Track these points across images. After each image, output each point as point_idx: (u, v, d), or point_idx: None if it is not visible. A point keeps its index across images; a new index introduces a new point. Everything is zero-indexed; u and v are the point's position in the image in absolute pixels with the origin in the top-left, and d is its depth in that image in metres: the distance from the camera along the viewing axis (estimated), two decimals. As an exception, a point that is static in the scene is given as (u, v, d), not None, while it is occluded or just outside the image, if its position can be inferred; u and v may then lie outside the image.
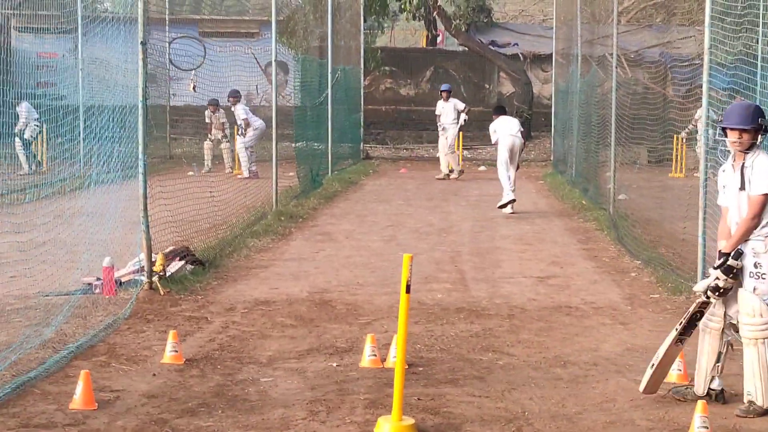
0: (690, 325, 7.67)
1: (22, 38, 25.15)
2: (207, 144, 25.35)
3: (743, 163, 7.48)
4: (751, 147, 7.49)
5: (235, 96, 24.28)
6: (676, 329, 7.69)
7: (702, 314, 7.64)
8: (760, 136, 7.52)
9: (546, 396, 7.72)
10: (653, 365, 7.66)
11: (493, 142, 19.63)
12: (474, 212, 19.01)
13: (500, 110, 20.12)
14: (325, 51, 25.40)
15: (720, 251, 7.61)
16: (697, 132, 23.48)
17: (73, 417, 7.02)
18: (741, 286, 7.45)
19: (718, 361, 7.59)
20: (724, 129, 7.60)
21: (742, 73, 12.44)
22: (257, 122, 24.40)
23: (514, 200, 18.49)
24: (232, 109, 24.37)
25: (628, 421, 7.18)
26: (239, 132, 24.30)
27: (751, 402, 7.33)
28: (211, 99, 24.56)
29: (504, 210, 18.42)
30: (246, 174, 23.53)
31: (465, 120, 25.92)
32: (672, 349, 7.70)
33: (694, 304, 7.70)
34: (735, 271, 7.40)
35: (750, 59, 13.58)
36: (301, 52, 26.75)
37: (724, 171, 7.74)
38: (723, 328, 7.59)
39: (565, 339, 9.51)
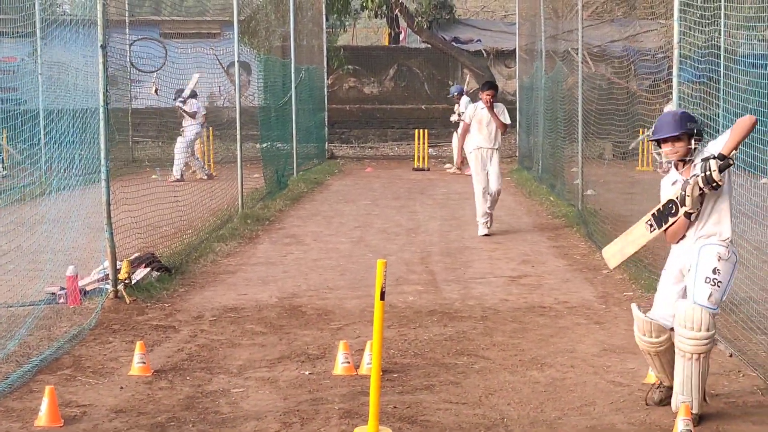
0: (661, 217, 7.24)
1: (-21, 43, 24.77)
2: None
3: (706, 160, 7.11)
4: (687, 154, 7.16)
5: (193, 96, 23.96)
6: (648, 219, 7.35)
7: (673, 208, 7.17)
8: (693, 141, 7.13)
9: (524, 401, 7.57)
10: (636, 248, 7.47)
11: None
12: (442, 211, 18.86)
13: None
14: (288, 51, 25.21)
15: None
16: None
17: (38, 435, 6.81)
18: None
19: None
20: (658, 144, 7.33)
21: (709, 66, 12.37)
22: (199, 126, 24.05)
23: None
24: (186, 102, 23.96)
25: (609, 425, 7.03)
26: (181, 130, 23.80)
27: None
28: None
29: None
30: (178, 176, 23.05)
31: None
32: (640, 228, 7.40)
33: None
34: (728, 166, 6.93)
35: (715, 51, 13.51)
36: (263, 53, 26.52)
37: (674, 183, 7.27)
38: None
39: (541, 340, 9.36)
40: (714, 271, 7.01)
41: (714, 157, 6.95)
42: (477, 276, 12.56)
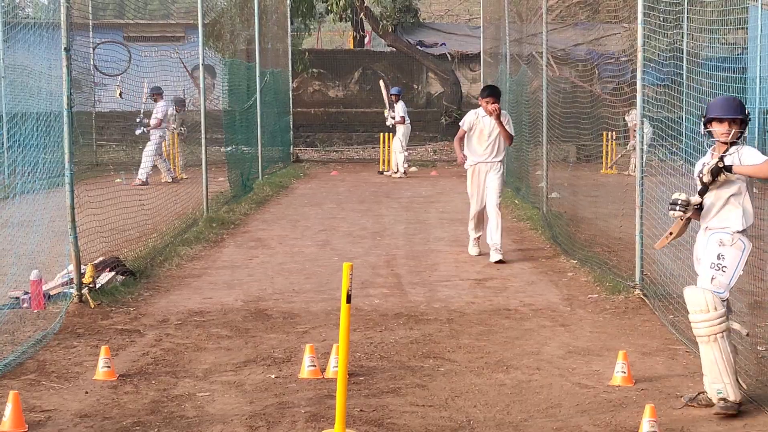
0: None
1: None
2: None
3: (722, 156, 7.41)
4: (737, 137, 7.45)
5: (159, 92, 23.88)
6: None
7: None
8: (746, 129, 7.54)
9: (490, 403, 7.58)
10: (672, 233, 7.70)
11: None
12: (407, 214, 18.88)
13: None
14: (253, 54, 25.16)
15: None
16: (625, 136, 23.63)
17: (2, 440, 6.75)
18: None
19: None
20: (710, 121, 7.52)
21: (673, 69, 12.45)
22: (164, 129, 24.02)
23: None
24: (153, 105, 23.91)
25: (575, 426, 7.06)
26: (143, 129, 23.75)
27: (724, 399, 7.22)
28: (177, 98, 24.19)
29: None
30: (143, 179, 22.96)
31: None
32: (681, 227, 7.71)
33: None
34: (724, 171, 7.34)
35: (679, 54, 13.61)
36: (228, 56, 26.46)
37: (705, 164, 7.56)
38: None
39: (506, 343, 9.38)
40: (718, 257, 7.38)
41: (723, 164, 7.36)
42: (442, 279, 12.57)
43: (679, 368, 8.43)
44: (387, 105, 27.30)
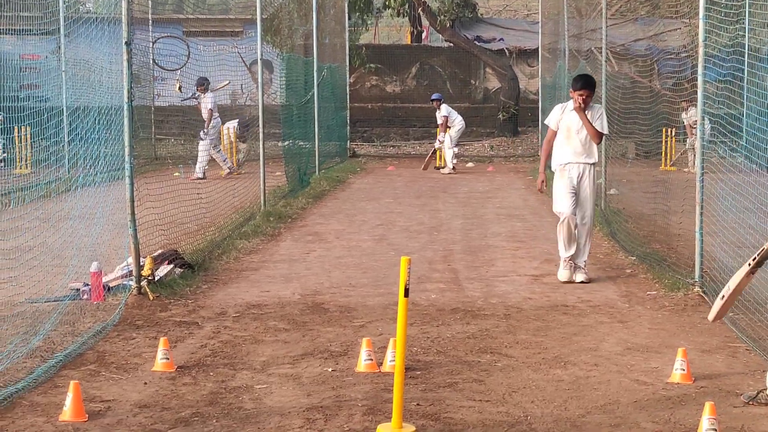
0: (763, 260, 7.43)
1: (4, 40, 24.90)
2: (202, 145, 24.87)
3: None
4: None
5: (203, 84, 23.90)
6: (749, 264, 7.45)
7: None
8: None
9: (548, 398, 7.55)
10: (723, 296, 7.54)
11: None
12: (464, 209, 18.85)
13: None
14: (310, 49, 25.22)
15: None
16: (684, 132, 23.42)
17: (63, 430, 6.81)
18: None
19: None
20: None
21: (734, 64, 12.32)
22: (217, 119, 24.06)
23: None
24: (200, 98, 23.93)
25: (633, 423, 7.00)
26: (203, 132, 23.71)
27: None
28: (200, 78, 24.06)
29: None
30: (200, 175, 23.06)
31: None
32: (744, 280, 7.51)
33: None
34: None
35: (740, 49, 13.47)
36: (286, 51, 26.56)
37: None
38: None
39: (564, 339, 9.34)
40: None
41: None
42: (500, 274, 12.54)
43: (740, 366, 8.35)
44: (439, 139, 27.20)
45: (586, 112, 11.92)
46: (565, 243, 11.96)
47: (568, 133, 12.02)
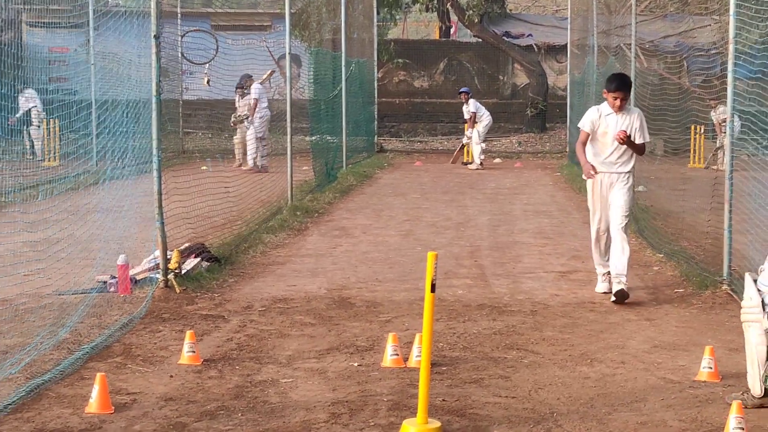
0: None
1: (33, 33, 25.02)
2: (237, 138, 24.94)
3: None
4: None
5: (249, 78, 24.02)
6: None
7: None
8: None
9: (574, 396, 7.51)
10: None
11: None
12: (491, 206, 18.81)
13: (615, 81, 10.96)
14: (339, 44, 25.23)
15: None
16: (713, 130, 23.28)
17: (89, 421, 6.83)
18: None
19: None
20: None
21: (765, 61, 12.23)
22: (264, 110, 24.11)
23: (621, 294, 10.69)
24: (247, 91, 24.01)
25: (660, 421, 6.96)
26: (248, 121, 23.83)
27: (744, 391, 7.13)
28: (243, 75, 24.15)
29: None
30: (251, 165, 23.19)
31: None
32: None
33: None
34: None
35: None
36: (314, 45, 26.56)
37: None
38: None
39: (591, 336, 9.30)
40: None
41: None
42: (526, 271, 12.51)
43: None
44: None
45: (622, 115, 10.76)
46: (601, 256, 11.12)
47: (604, 138, 10.83)
